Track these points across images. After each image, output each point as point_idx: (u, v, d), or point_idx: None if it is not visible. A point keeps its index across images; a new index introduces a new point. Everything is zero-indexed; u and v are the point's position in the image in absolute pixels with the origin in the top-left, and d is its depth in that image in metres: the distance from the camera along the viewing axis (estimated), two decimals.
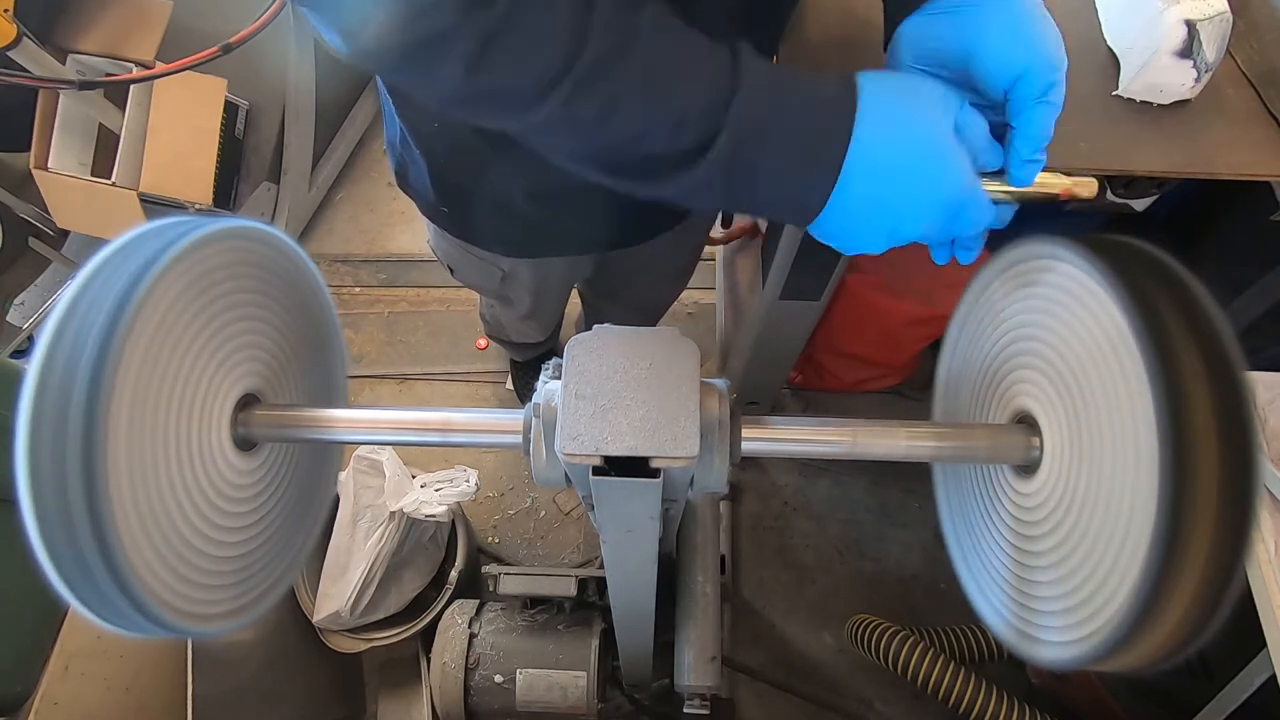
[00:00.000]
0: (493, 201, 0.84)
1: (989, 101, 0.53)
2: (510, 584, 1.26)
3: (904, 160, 0.48)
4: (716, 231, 1.75)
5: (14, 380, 0.85)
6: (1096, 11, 0.89)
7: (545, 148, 0.52)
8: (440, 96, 0.50)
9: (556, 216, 0.86)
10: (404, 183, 0.92)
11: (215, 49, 1.45)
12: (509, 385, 1.88)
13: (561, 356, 0.48)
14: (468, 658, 1.28)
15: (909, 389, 1.69)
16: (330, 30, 0.47)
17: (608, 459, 0.45)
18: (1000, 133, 0.54)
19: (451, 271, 1.10)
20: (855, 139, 0.48)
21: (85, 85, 1.46)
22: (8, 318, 1.87)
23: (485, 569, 1.35)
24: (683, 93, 0.47)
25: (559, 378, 0.48)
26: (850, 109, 0.48)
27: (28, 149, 1.68)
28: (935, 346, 0.82)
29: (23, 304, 1.94)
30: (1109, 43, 0.87)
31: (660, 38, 0.47)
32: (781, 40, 0.83)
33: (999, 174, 0.54)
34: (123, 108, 1.67)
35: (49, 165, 1.68)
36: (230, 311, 0.49)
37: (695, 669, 1.10)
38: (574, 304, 1.61)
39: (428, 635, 1.38)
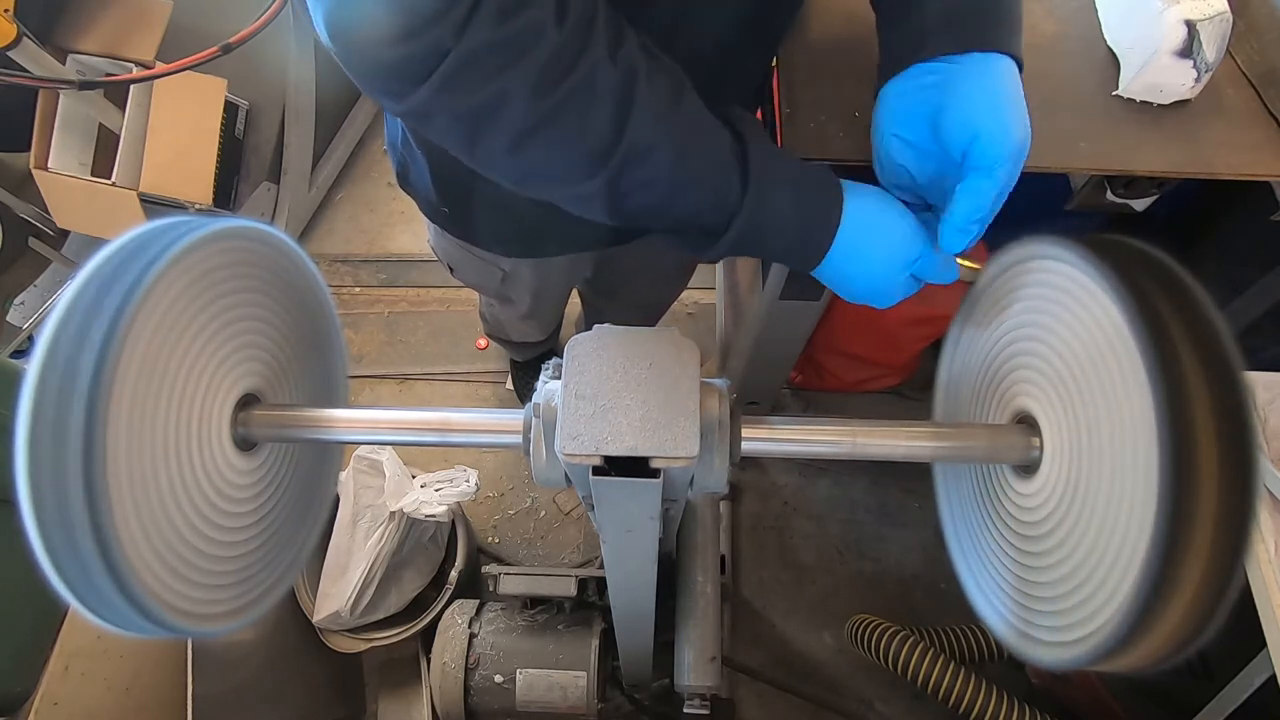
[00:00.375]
0: (493, 201, 0.84)
1: (953, 166, 0.57)
2: (510, 584, 1.26)
3: (862, 284, 0.61)
4: None
5: (14, 380, 0.85)
6: (1096, 11, 0.89)
7: (575, 210, 0.57)
8: (481, 163, 0.53)
9: (556, 215, 0.86)
10: (405, 182, 0.92)
11: (215, 49, 1.45)
12: (509, 385, 1.88)
13: (561, 356, 0.48)
14: (468, 658, 1.28)
15: (909, 389, 1.69)
16: (375, 88, 0.49)
17: (608, 459, 0.45)
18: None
19: (452, 271, 1.10)
20: (837, 241, 0.58)
21: (85, 85, 1.46)
22: (8, 318, 1.87)
23: (485, 569, 1.35)
24: (704, 184, 0.54)
25: (559, 378, 0.48)
26: (834, 224, 0.58)
27: (28, 149, 1.68)
28: (935, 346, 0.82)
29: (23, 304, 1.94)
30: (1109, 43, 0.87)
31: (689, 134, 0.53)
32: (784, 40, 0.83)
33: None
34: (123, 108, 1.67)
35: (49, 165, 1.68)
36: (230, 312, 0.49)
37: (695, 669, 1.10)
38: (574, 304, 1.61)
39: (428, 635, 1.38)
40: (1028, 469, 0.50)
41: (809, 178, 0.58)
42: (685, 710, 1.10)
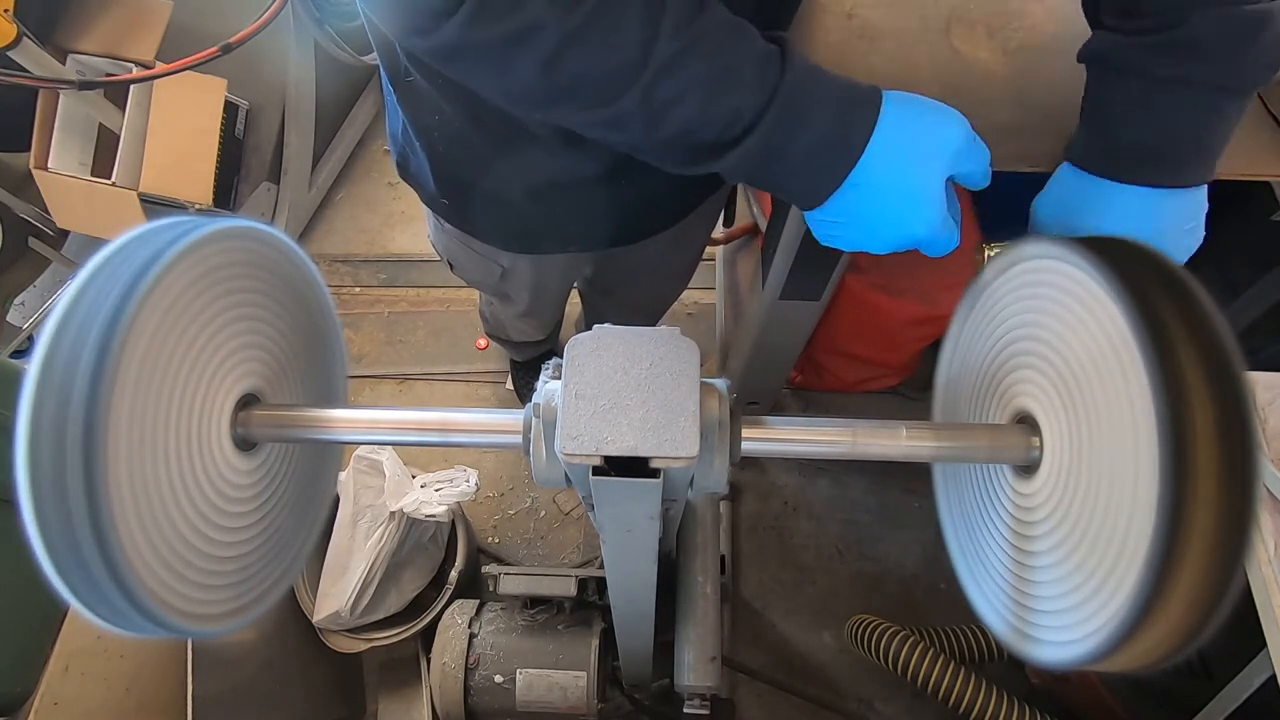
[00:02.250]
0: (492, 195, 0.84)
1: None
2: (510, 584, 1.26)
3: (889, 198, 0.54)
4: (717, 231, 1.75)
5: (14, 380, 0.85)
6: None
7: (606, 139, 0.55)
8: (514, 95, 0.53)
9: (555, 214, 0.86)
10: (405, 173, 0.92)
11: (215, 49, 1.45)
12: (509, 385, 1.88)
13: (561, 356, 0.48)
14: (468, 658, 1.28)
15: (909, 389, 1.69)
16: (401, 26, 0.49)
17: (608, 459, 0.45)
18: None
19: (451, 267, 1.10)
20: (861, 163, 0.53)
21: (85, 85, 1.46)
22: (8, 318, 1.87)
23: (485, 569, 1.35)
24: (738, 90, 0.51)
25: (559, 378, 0.48)
26: (866, 133, 0.53)
27: (28, 149, 1.68)
28: (935, 346, 0.82)
29: (23, 304, 1.94)
30: None
31: (720, 37, 0.51)
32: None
33: None
34: (123, 108, 1.67)
35: (49, 165, 1.68)
36: (230, 311, 0.49)
37: (695, 669, 1.10)
38: (574, 304, 1.61)
39: (428, 635, 1.38)
40: (1028, 469, 0.50)
41: (842, 79, 0.55)
42: (685, 710, 1.10)
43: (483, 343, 1.95)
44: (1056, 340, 0.48)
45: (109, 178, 1.67)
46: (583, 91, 0.50)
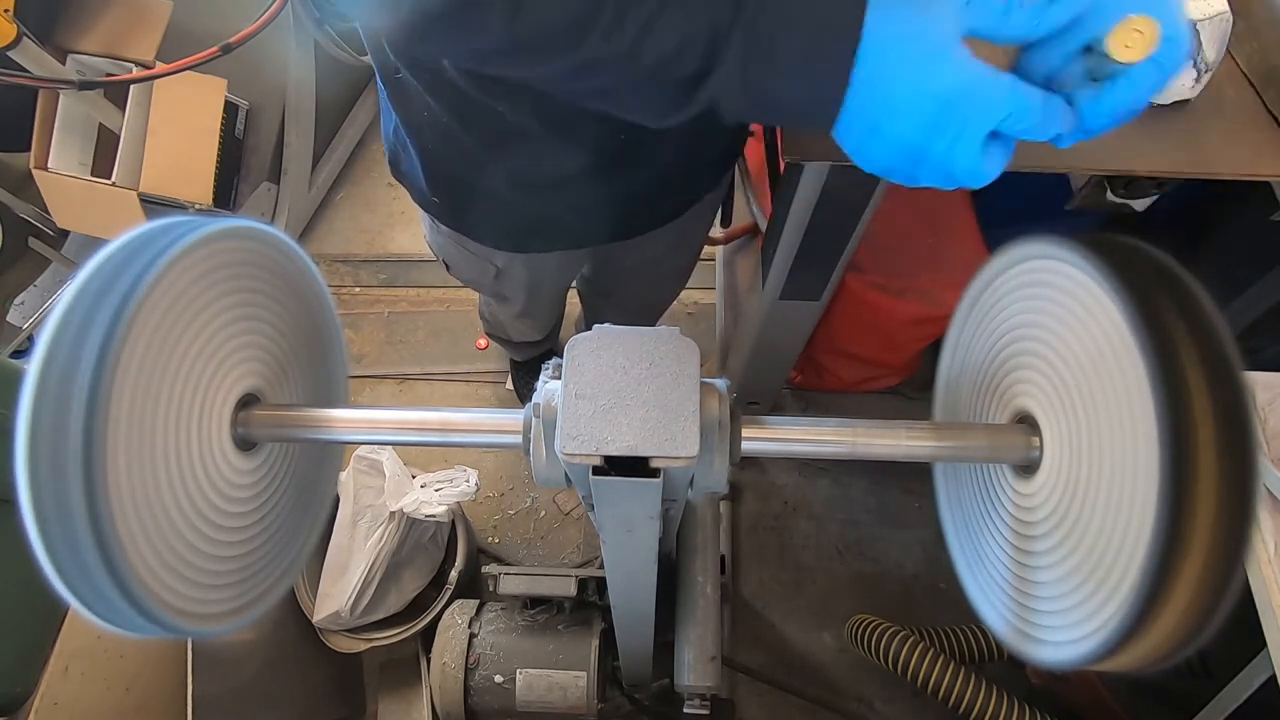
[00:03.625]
0: (482, 193, 0.84)
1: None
2: (510, 584, 1.26)
3: (906, 59, 0.44)
4: (716, 231, 1.75)
5: (14, 380, 0.85)
6: None
7: (584, 92, 0.52)
8: (482, 53, 0.51)
9: (545, 210, 0.86)
10: (397, 172, 0.92)
11: (215, 49, 1.45)
12: (509, 385, 1.88)
13: (561, 356, 0.48)
14: (468, 658, 1.28)
15: (909, 389, 1.69)
16: (366, 8, 0.49)
17: (608, 459, 0.45)
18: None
19: (448, 267, 1.11)
20: (863, 50, 0.45)
21: (85, 85, 1.46)
22: (8, 318, 1.87)
23: (485, 569, 1.35)
24: (709, 5, 0.45)
25: (559, 377, 0.48)
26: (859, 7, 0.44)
27: (28, 149, 1.68)
28: (935, 346, 0.82)
29: (23, 304, 1.94)
30: None
31: None
32: None
33: None
34: (123, 108, 1.67)
35: (49, 165, 1.68)
36: (230, 311, 0.49)
37: (695, 669, 1.10)
38: (574, 304, 1.61)
39: (428, 635, 1.38)
40: (1028, 469, 0.50)
41: None
42: (685, 710, 1.11)
43: (483, 343, 1.95)
44: (1056, 340, 0.48)
45: (109, 178, 1.67)
46: (550, 38, 0.48)
